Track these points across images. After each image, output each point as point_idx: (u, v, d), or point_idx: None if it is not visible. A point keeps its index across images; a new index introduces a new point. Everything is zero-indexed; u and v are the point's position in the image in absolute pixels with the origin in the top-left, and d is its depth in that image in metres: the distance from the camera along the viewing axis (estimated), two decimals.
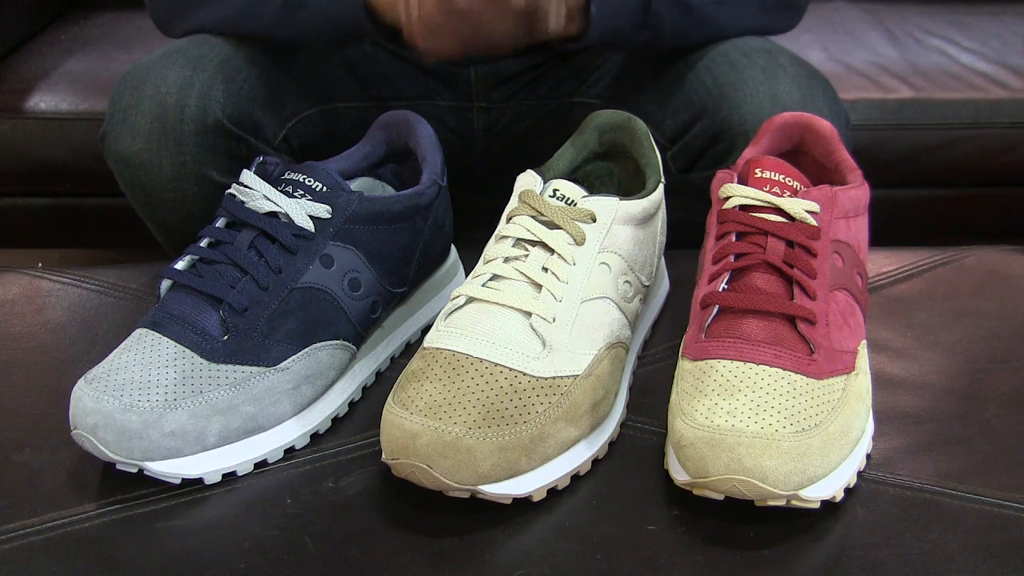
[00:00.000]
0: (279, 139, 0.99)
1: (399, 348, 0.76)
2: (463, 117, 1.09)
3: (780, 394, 0.58)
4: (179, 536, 0.58)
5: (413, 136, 0.77)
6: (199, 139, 0.92)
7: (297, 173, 0.69)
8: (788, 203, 0.64)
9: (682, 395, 0.60)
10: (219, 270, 0.66)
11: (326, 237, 0.67)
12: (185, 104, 0.91)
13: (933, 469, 0.62)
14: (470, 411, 0.57)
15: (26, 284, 0.88)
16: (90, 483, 0.62)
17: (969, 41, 1.63)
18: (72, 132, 1.42)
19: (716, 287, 0.63)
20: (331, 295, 0.67)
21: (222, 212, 0.68)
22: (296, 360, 0.66)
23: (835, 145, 0.73)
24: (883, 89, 1.47)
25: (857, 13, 1.78)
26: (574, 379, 0.61)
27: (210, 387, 0.62)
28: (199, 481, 0.62)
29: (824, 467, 0.57)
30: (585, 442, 0.62)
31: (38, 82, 1.48)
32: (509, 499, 0.59)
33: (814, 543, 0.57)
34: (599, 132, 0.76)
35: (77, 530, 0.59)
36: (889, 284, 0.85)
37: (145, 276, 0.87)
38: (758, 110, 0.93)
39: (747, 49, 0.98)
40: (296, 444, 0.66)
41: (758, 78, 0.95)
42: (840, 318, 0.63)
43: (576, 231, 0.64)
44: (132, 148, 0.93)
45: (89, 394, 0.61)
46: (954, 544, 0.56)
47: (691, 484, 0.58)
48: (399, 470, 0.59)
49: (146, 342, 0.64)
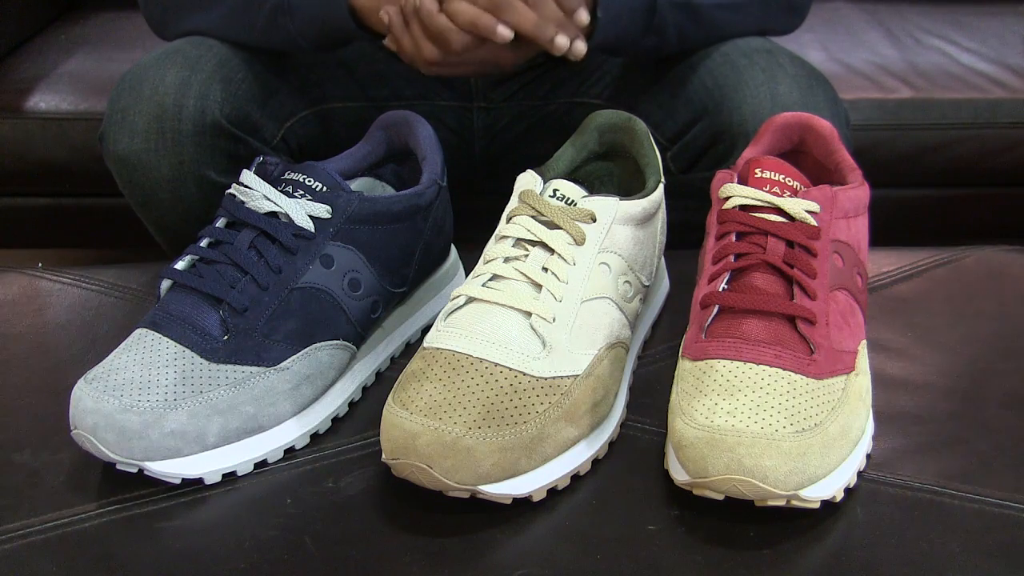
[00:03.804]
0: (277, 139, 0.99)
1: (399, 348, 0.76)
2: (463, 117, 1.09)
3: (780, 394, 0.58)
4: (179, 536, 0.58)
5: (413, 136, 0.77)
6: (197, 139, 0.92)
7: (297, 173, 0.69)
8: (788, 203, 0.64)
9: (682, 395, 0.60)
10: (219, 270, 0.66)
11: (326, 237, 0.67)
12: (183, 104, 0.91)
13: (933, 469, 0.62)
14: (470, 411, 0.57)
15: (26, 284, 0.88)
16: (90, 483, 0.62)
17: (969, 41, 1.63)
18: (72, 132, 1.42)
19: (716, 287, 0.63)
20: (331, 295, 0.67)
21: (222, 212, 0.68)
22: (296, 360, 0.66)
23: (835, 145, 0.73)
24: (883, 89, 1.48)
25: (857, 13, 1.78)
26: (574, 379, 0.61)
27: (210, 387, 0.62)
28: (199, 481, 0.62)
29: (824, 467, 0.57)
30: (585, 442, 0.62)
31: (38, 82, 1.48)
32: (509, 499, 0.59)
33: (814, 543, 0.57)
34: (599, 132, 0.76)
35: (77, 530, 0.59)
36: (889, 284, 0.85)
37: (145, 276, 0.88)
38: (758, 110, 0.93)
39: (747, 49, 0.98)
40: (296, 444, 0.66)
41: (758, 78, 0.95)
42: (840, 318, 0.63)
43: (576, 231, 0.64)
44: (130, 148, 0.93)
45: (89, 394, 0.61)
46: (954, 544, 0.56)
47: (691, 484, 0.58)
48: (399, 470, 0.59)
49: (146, 342, 0.64)
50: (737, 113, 0.94)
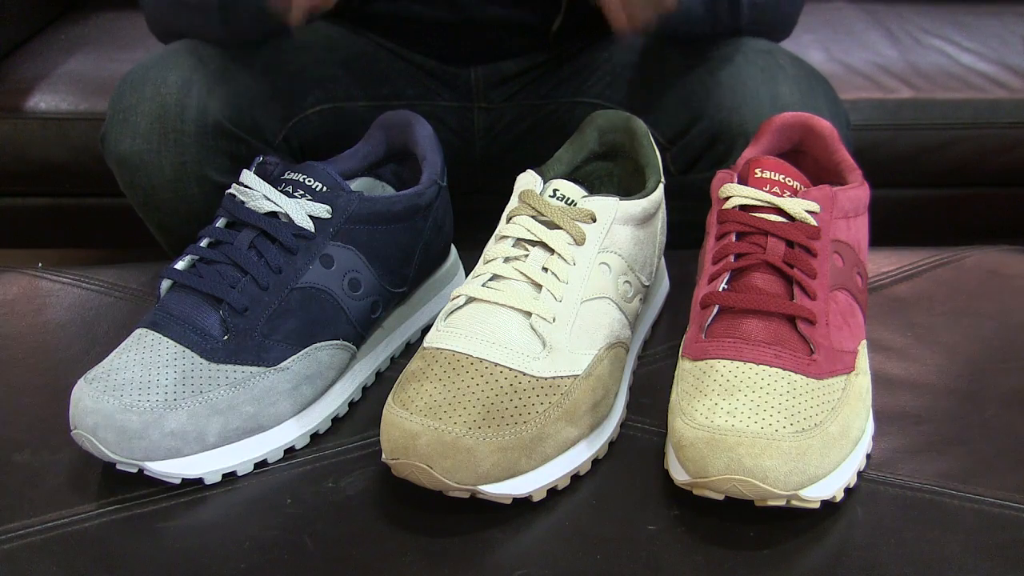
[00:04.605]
0: (279, 139, 0.99)
1: (399, 348, 0.76)
2: (463, 117, 1.09)
3: (780, 394, 0.58)
4: (179, 536, 0.58)
5: (413, 136, 0.77)
6: (199, 139, 0.92)
7: (297, 173, 0.69)
8: (788, 203, 0.64)
9: (682, 395, 0.60)
10: (219, 270, 0.66)
11: (326, 237, 0.67)
12: (185, 104, 0.91)
13: (933, 469, 0.62)
14: (470, 411, 0.57)
15: (26, 284, 0.88)
16: (90, 483, 0.62)
17: (969, 41, 1.63)
18: (72, 132, 1.42)
19: (716, 287, 0.63)
20: (331, 295, 0.67)
21: (222, 212, 0.68)
22: (296, 360, 0.66)
23: (835, 145, 0.73)
24: (883, 89, 1.47)
25: (857, 13, 1.78)
26: (574, 379, 0.61)
27: (210, 387, 0.62)
28: (199, 481, 0.62)
29: (824, 467, 0.57)
30: (585, 442, 0.62)
31: (38, 82, 1.48)
32: (509, 499, 0.59)
33: (814, 543, 0.57)
34: (599, 132, 0.76)
35: (77, 530, 0.59)
36: (889, 284, 0.85)
37: (145, 276, 0.87)
38: (758, 110, 0.93)
39: (747, 49, 0.98)
40: (296, 444, 0.66)
41: (758, 78, 0.95)
42: (840, 318, 0.63)
43: (576, 231, 0.64)
44: (132, 148, 0.93)
45: (89, 394, 0.61)
46: (954, 544, 0.56)
47: (691, 484, 0.58)
48: (399, 470, 0.59)
49: (146, 342, 0.64)
50: (737, 113, 0.94)
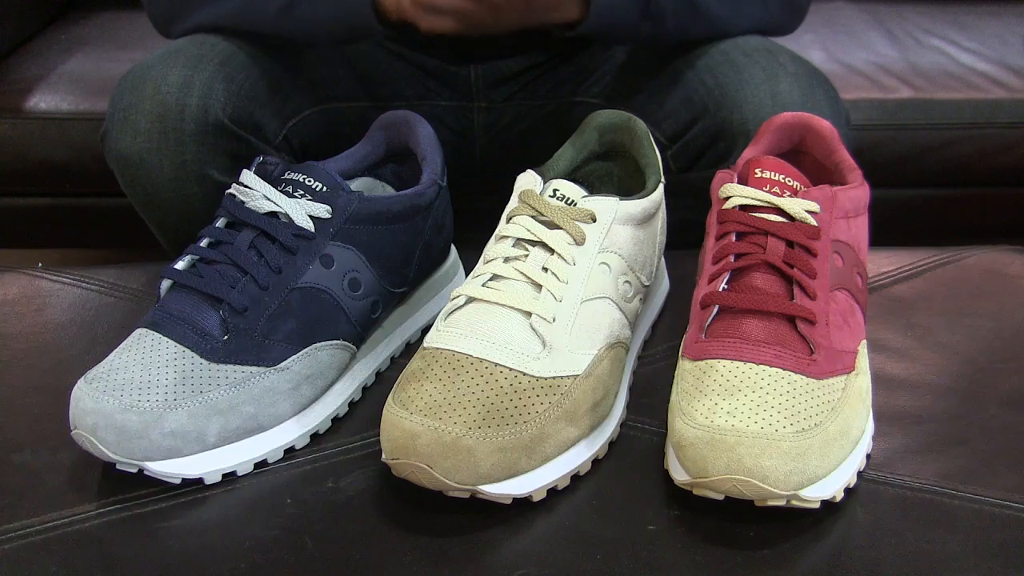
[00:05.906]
0: (280, 139, 0.99)
1: (399, 348, 0.76)
2: (463, 117, 1.09)
3: (780, 394, 0.58)
4: (179, 536, 0.58)
5: (413, 136, 0.77)
6: (200, 139, 0.92)
7: (297, 173, 0.69)
8: (788, 203, 0.64)
9: (682, 395, 0.60)
10: (219, 270, 0.66)
11: (326, 237, 0.67)
12: (186, 104, 0.91)
13: (933, 469, 0.62)
14: (470, 411, 0.57)
15: (26, 284, 0.88)
16: (90, 483, 0.62)
17: (969, 41, 1.63)
18: (72, 132, 1.42)
19: (716, 287, 0.63)
20: (331, 295, 0.67)
21: (222, 212, 0.68)
22: (296, 360, 0.66)
23: (835, 145, 0.73)
24: (883, 89, 1.47)
25: (857, 13, 1.78)
26: (574, 379, 0.61)
27: (210, 387, 0.62)
28: (199, 481, 0.62)
29: (824, 467, 0.57)
30: (585, 442, 0.62)
31: (38, 82, 1.48)
32: (509, 499, 0.59)
33: (814, 543, 0.57)
34: (599, 132, 0.76)
35: (77, 530, 0.59)
36: (889, 284, 0.85)
37: (145, 276, 0.87)
38: (758, 110, 0.93)
39: (748, 49, 0.98)
40: (296, 444, 0.66)
41: (758, 77, 0.95)
42: (840, 318, 0.63)
43: (576, 231, 0.64)
44: (132, 148, 0.93)
45: (89, 394, 0.61)
46: (954, 544, 0.56)
47: (691, 484, 0.58)
48: (399, 470, 0.59)
49: (146, 342, 0.64)
50: (737, 112, 0.94)
